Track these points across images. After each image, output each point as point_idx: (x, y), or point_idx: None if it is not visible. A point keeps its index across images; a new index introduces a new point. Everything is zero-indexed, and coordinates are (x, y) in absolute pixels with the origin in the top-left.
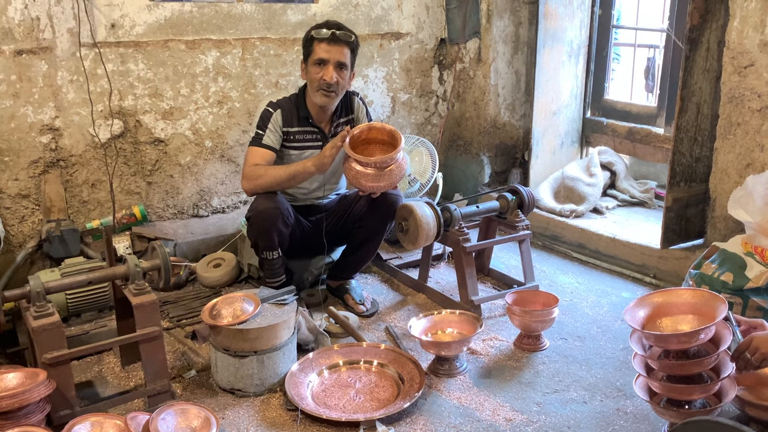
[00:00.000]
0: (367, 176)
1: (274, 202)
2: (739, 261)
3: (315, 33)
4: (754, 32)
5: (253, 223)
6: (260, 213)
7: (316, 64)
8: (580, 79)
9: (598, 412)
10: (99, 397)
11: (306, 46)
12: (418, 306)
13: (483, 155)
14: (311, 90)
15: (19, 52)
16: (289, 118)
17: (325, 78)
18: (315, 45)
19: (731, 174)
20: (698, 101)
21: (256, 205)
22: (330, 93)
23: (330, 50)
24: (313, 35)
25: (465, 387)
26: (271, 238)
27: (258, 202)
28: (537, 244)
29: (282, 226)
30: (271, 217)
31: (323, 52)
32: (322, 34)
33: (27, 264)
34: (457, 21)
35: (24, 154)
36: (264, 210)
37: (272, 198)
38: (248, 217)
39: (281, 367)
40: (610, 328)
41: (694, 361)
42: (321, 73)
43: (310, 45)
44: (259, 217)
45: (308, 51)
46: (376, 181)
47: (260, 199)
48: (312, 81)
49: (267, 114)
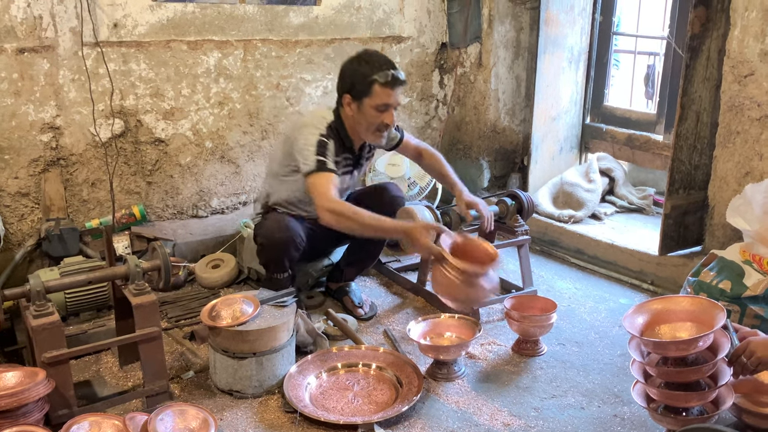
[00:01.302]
0: (457, 285)
1: (288, 231)
2: (737, 269)
3: (378, 76)
4: (754, 42)
5: (265, 250)
6: (274, 243)
7: (378, 110)
8: (580, 85)
9: (595, 418)
10: (97, 396)
11: (360, 84)
12: (416, 309)
13: (482, 159)
14: (364, 129)
15: (21, 51)
16: (336, 148)
17: (387, 121)
18: (376, 88)
19: (730, 182)
20: (698, 109)
21: (268, 231)
22: (384, 133)
23: (392, 94)
24: (376, 78)
25: (463, 391)
26: (283, 264)
27: (270, 228)
28: (535, 249)
29: (294, 252)
30: (285, 246)
31: (387, 97)
32: (386, 77)
33: (26, 262)
34: (458, 25)
35: (24, 153)
36: (278, 240)
37: (286, 225)
38: (260, 243)
39: (280, 368)
40: (607, 334)
41: (692, 368)
42: (382, 117)
43: (368, 87)
44: (272, 246)
45: (365, 92)
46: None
47: (273, 224)
48: (369, 123)
49: (324, 143)
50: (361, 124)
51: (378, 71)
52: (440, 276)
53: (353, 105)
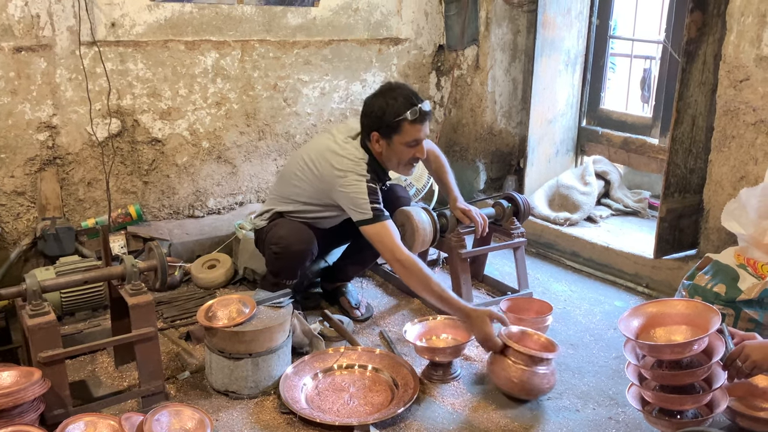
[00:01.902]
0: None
1: (307, 243)
2: (732, 273)
3: (407, 114)
4: (750, 47)
5: (281, 259)
6: (292, 253)
7: (408, 146)
8: (576, 89)
9: (590, 420)
10: (92, 396)
11: (389, 123)
12: (412, 311)
13: (479, 161)
14: (395, 164)
15: (18, 49)
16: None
17: (419, 155)
18: (405, 126)
19: (725, 186)
20: (694, 113)
21: (286, 240)
22: (416, 165)
23: (421, 129)
24: (405, 116)
25: (459, 393)
26: (295, 273)
27: (288, 235)
28: (531, 252)
29: (309, 262)
30: (303, 257)
31: (417, 133)
32: (414, 114)
33: (21, 262)
34: (455, 28)
35: (21, 152)
36: (297, 251)
37: (305, 235)
38: (275, 252)
39: (276, 369)
40: (603, 337)
41: (686, 371)
42: (413, 152)
43: (397, 125)
44: (290, 256)
45: (394, 130)
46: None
47: (290, 233)
48: (400, 159)
49: (374, 189)
50: (391, 160)
51: (405, 109)
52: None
53: (382, 142)
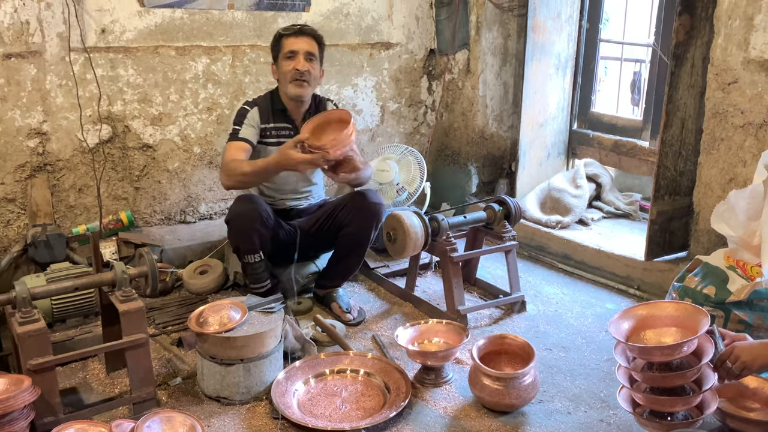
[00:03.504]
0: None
1: (252, 203)
2: (722, 274)
3: (282, 30)
4: (737, 50)
5: (233, 226)
6: (238, 215)
7: (287, 58)
8: (567, 92)
9: (582, 423)
10: (83, 403)
11: (274, 46)
12: (404, 315)
13: (470, 165)
14: (284, 84)
15: (7, 56)
16: (266, 114)
17: (297, 67)
18: (283, 40)
19: (714, 188)
20: (683, 116)
21: (234, 207)
22: (303, 82)
23: (298, 41)
24: (281, 32)
25: (451, 397)
26: (252, 240)
27: (236, 204)
28: (523, 255)
29: (261, 228)
30: (250, 218)
31: (292, 45)
32: (291, 29)
33: (11, 268)
34: (446, 32)
35: (11, 158)
36: (242, 212)
37: (250, 200)
38: (227, 220)
39: (267, 375)
40: (594, 339)
41: (676, 373)
42: (292, 64)
43: (278, 43)
44: (238, 219)
45: (277, 49)
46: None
47: (238, 201)
48: (284, 74)
49: (243, 111)
50: (283, 82)
51: (285, 30)
52: (478, 389)
53: (274, 67)
